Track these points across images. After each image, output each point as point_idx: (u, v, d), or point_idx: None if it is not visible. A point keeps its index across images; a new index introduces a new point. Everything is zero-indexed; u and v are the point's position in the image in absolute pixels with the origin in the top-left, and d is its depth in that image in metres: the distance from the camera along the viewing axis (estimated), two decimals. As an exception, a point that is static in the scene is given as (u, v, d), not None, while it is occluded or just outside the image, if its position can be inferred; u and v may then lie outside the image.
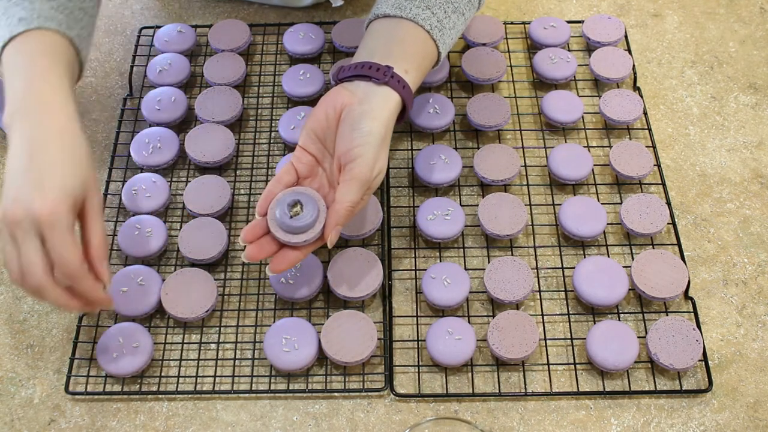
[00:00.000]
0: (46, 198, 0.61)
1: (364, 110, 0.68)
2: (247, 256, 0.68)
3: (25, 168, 0.62)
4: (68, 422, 0.73)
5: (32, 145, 0.63)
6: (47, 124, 0.65)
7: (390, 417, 0.73)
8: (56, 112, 0.66)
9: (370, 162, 0.67)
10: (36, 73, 0.67)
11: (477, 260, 0.81)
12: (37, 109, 0.65)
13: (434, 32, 0.73)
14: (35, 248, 0.61)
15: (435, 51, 0.74)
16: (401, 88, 0.70)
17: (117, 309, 0.76)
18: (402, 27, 0.73)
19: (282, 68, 0.97)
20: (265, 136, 0.91)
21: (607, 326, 0.74)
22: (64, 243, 0.61)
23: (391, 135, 0.70)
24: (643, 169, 0.84)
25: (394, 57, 0.71)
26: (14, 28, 0.68)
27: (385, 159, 0.70)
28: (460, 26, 0.78)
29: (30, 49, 0.68)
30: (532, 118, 0.92)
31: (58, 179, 0.62)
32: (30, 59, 0.67)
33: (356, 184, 0.67)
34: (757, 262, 0.81)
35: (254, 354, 0.76)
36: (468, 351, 0.73)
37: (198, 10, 1.05)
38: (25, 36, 0.68)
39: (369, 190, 0.69)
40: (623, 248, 0.82)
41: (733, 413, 0.72)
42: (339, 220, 0.67)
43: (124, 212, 0.85)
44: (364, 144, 0.67)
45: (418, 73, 0.73)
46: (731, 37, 1.00)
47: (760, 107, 0.93)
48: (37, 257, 0.61)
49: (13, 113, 0.65)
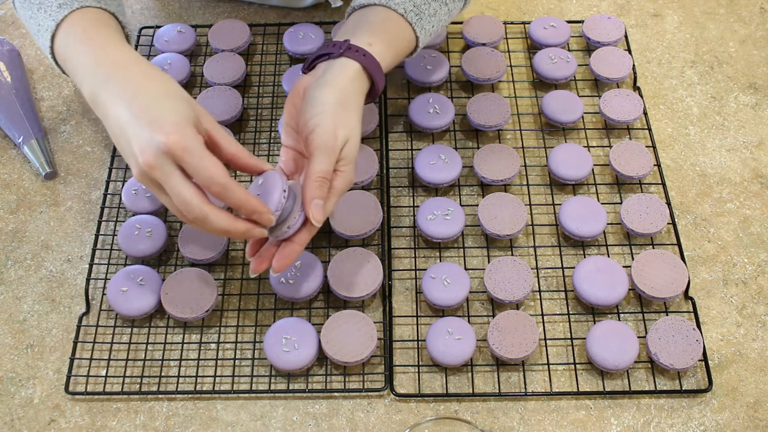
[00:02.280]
0: (167, 128, 0.60)
1: (318, 83, 0.68)
2: (253, 269, 0.68)
3: (134, 118, 0.61)
4: (68, 422, 0.73)
5: (129, 97, 0.62)
6: (132, 75, 0.64)
7: (390, 417, 0.73)
8: (134, 63, 0.65)
9: (329, 129, 0.65)
10: (98, 43, 0.67)
11: (477, 260, 0.81)
12: (116, 69, 0.64)
13: (409, 15, 0.73)
14: (180, 180, 0.60)
15: (411, 34, 0.74)
16: (361, 56, 0.69)
17: (117, 310, 0.76)
18: (374, 11, 0.73)
19: (282, 68, 0.97)
20: (265, 136, 0.91)
21: (607, 326, 0.74)
22: (203, 160, 0.60)
23: (355, 102, 0.68)
24: (643, 169, 0.84)
25: (357, 34, 0.71)
26: (57, 15, 0.68)
27: (352, 126, 0.67)
28: (443, 15, 0.77)
29: (81, 27, 0.68)
30: (532, 118, 0.92)
31: (170, 109, 0.61)
32: (85, 35, 0.67)
33: (319, 154, 0.65)
34: (757, 262, 0.81)
35: (254, 354, 0.76)
36: (468, 351, 0.73)
37: (198, 10, 1.05)
38: (71, 18, 0.68)
39: (343, 160, 0.67)
40: (623, 248, 0.82)
41: (733, 413, 0.72)
42: (314, 193, 0.65)
43: (124, 212, 0.85)
44: (320, 113, 0.66)
45: (386, 48, 0.71)
46: (731, 37, 1.00)
47: (760, 107, 0.93)
48: (185, 188, 0.60)
49: (93, 85, 0.65)
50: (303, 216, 0.66)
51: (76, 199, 0.87)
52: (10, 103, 0.91)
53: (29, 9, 0.71)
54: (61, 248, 0.84)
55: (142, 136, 0.60)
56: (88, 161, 0.90)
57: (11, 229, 0.85)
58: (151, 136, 0.59)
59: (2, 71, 0.93)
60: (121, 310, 0.76)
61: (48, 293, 0.81)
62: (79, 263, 0.83)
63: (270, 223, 0.64)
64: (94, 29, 0.68)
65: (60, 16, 0.68)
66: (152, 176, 0.61)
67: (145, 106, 0.61)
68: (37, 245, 0.84)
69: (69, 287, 0.81)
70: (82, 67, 0.66)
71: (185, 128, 0.60)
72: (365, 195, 0.82)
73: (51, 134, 0.92)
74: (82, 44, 0.67)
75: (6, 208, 0.87)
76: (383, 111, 0.92)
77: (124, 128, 0.62)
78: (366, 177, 0.84)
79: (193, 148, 0.60)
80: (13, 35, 1.03)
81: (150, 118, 0.60)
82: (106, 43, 0.67)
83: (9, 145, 0.92)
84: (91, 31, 0.68)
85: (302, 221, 0.66)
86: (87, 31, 0.68)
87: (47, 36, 0.69)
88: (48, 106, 0.95)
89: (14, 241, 0.84)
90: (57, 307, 0.80)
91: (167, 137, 0.59)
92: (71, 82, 0.70)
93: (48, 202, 0.87)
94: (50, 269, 0.82)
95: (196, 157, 0.60)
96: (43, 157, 0.88)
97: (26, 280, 0.82)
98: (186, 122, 0.61)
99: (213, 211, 0.61)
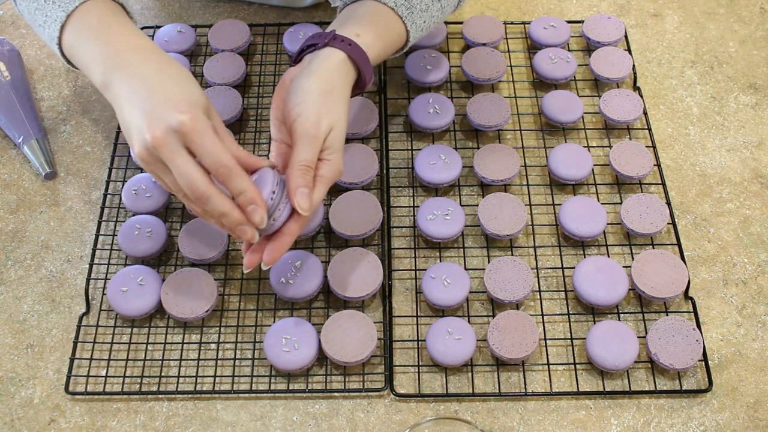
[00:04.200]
0: (182, 107, 0.60)
1: (302, 73, 0.68)
2: (246, 265, 0.67)
3: (148, 95, 0.61)
4: (68, 422, 0.73)
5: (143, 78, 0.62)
6: (151, 59, 0.64)
7: (390, 417, 0.73)
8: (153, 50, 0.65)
9: (312, 117, 0.65)
10: (111, 32, 0.67)
11: (477, 260, 0.81)
12: (135, 53, 0.65)
13: (400, 9, 0.73)
14: (187, 160, 0.60)
15: (402, 27, 0.74)
16: (346, 45, 0.69)
17: (118, 310, 0.76)
18: (364, 5, 0.73)
19: (282, 68, 0.97)
20: (265, 136, 0.91)
21: (607, 326, 0.74)
22: (214, 143, 0.60)
23: (340, 91, 0.68)
24: (643, 169, 0.84)
25: (345, 25, 0.71)
26: (68, 6, 0.68)
27: (337, 114, 0.67)
28: (435, 11, 0.77)
29: (92, 17, 0.68)
30: (532, 118, 0.92)
31: (185, 91, 0.62)
32: (97, 24, 0.67)
33: (302, 143, 0.65)
34: (757, 262, 0.81)
35: (254, 354, 0.76)
36: (468, 351, 0.73)
37: (198, 10, 1.05)
38: (80, 10, 0.68)
39: (329, 149, 0.66)
40: (623, 248, 0.82)
41: (733, 413, 0.72)
42: (297, 182, 0.64)
43: (124, 212, 0.85)
44: (302, 101, 0.66)
45: (375, 40, 0.71)
46: (731, 37, 1.01)
47: (760, 107, 0.93)
48: (191, 167, 0.60)
49: (105, 72, 0.65)
50: (289, 206, 0.66)
51: (76, 199, 0.87)
52: (10, 103, 0.91)
53: (35, 1, 0.71)
54: (61, 248, 0.84)
55: (155, 112, 0.60)
56: (88, 161, 0.90)
57: (11, 229, 0.85)
58: (165, 111, 0.60)
59: (2, 71, 0.93)
60: (121, 310, 0.76)
61: (48, 293, 0.81)
62: (79, 263, 0.83)
63: (260, 221, 0.63)
64: (111, 16, 0.68)
65: (72, 6, 0.68)
66: (158, 153, 0.60)
67: (161, 85, 0.62)
68: (37, 245, 0.84)
69: (69, 287, 0.81)
70: (93, 55, 0.66)
71: (198, 110, 0.61)
72: (365, 195, 0.82)
73: (51, 134, 0.92)
74: (97, 32, 0.67)
75: (6, 208, 0.87)
76: (383, 111, 0.92)
77: (136, 105, 0.62)
78: (366, 177, 0.84)
79: (204, 129, 0.60)
80: (13, 35, 1.03)
81: (165, 95, 0.61)
82: (123, 30, 0.67)
83: (9, 145, 0.92)
84: (108, 18, 0.68)
85: (289, 212, 0.66)
86: (103, 18, 0.68)
87: (56, 27, 0.69)
88: (48, 106, 0.95)
89: (14, 241, 0.84)
90: (57, 307, 0.80)
91: (182, 117, 0.60)
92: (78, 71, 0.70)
93: (48, 202, 0.87)
94: (50, 269, 0.82)
95: (207, 138, 0.60)
96: (43, 157, 0.88)
97: (26, 280, 0.82)
98: (199, 105, 0.62)
99: (216, 193, 0.62)
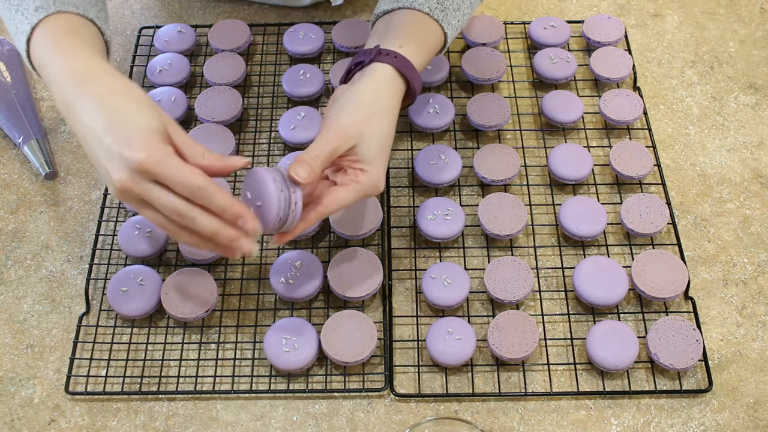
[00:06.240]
0: (135, 145, 0.58)
1: (349, 89, 0.69)
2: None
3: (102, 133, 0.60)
4: (68, 422, 0.73)
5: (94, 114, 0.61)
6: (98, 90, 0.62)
7: (390, 417, 0.73)
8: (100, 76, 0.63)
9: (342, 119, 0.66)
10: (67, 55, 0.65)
11: (477, 260, 0.81)
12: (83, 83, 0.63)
13: (435, 13, 0.73)
14: (160, 192, 0.59)
15: (439, 30, 0.74)
16: (392, 58, 0.69)
17: (117, 310, 0.76)
18: (398, 15, 0.73)
19: (282, 68, 0.97)
20: (265, 137, 0.91)
21: (607, 326, 0.74)
22: (179, 171, 0.59)
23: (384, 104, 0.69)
24: (643, 169, 0.84)
25: (386, 38, 0.71)
26: (33, 18, 0.66)
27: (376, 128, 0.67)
28: (466, 9, 0.77)
29: (53, 36, 0.66)
30: (532, 118, 0.92)
31: (136, 124, 0.60)
32: (55, 45, 0.65)
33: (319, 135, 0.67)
34: (757, 262, 0.81)
35: (254, 354, 0.76)
36: (468, 351, 0.73)
37: (198, 10, 1.05)
38: (46, 23, 0.66)
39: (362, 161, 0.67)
40: (623, 248, 0.82)
41: (733, 413, 0.72)
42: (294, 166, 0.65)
43: (124, 212, 0.85)
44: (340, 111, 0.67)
45: (417, 48, 0.72)
46: (731, 37, 1.00)
47: (760, 107, 0.93)
48: (167, 197, 0.59)
49: (63, 98, 0.63)
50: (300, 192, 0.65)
51: (76, 199, 0.87)
52: (10, 103, 0.91)
53: (8, 10, 0.69)
54: (61, 248, 0.84)
55: (112, 156, 0.59)
56: (88, 161, 0.90)
57: (11, 229, 0.85)
58: (122, 155, 0.59)
59: (2, 71, 0.93)
60: (121, 310, 0.76)
61: (48, 293, 0.81)
62: (79, 263, 0.83)
63: (255, 230, 0.62)
64: (65, 38, 0.66)
65: (35, 19, 0.66)
66: (132, 194, 0.60)
67: (111, 123, 0.60)
68: (37, 245, 0.84)
69: (69, 287, 0.81)
70: (53, 77, 0.65)
71: (153, 143, 0.59)
72: (365, 195, 0.82)
73: (51, 134, 0.92)
74: (52, 53, 0.65)
75: (6, 208, 0.87)
76: (383, 111, 0.92)
77: (93, 147, 0.61)
78: (366, 177, 0.84)
79: (164, 159, 0.59)
80: (13, 35, 1.03)
81: (119, 136, 0.59)
82: (74, 55, 0.65)
83: (9, 145, 0.92)
84: (62, 41, 0.66)
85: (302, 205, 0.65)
86: (58, 40, 0.66)
87: (23, 39, 0.67)
88: (48, 106, 0.95)
89: (14, 241, 0.84)
90: (57, 307, 0.80)
91: (138, 156, 0.58)
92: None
93: (48, 202, 0.87)
94: (50, 269, 0.82)
95: (171, 168, 0.59)
96: (43, 157, 0.88)
97: (26, 280, 0.82)
98: (153, 136, 0.60)
99: (200, 213, 0.60)
